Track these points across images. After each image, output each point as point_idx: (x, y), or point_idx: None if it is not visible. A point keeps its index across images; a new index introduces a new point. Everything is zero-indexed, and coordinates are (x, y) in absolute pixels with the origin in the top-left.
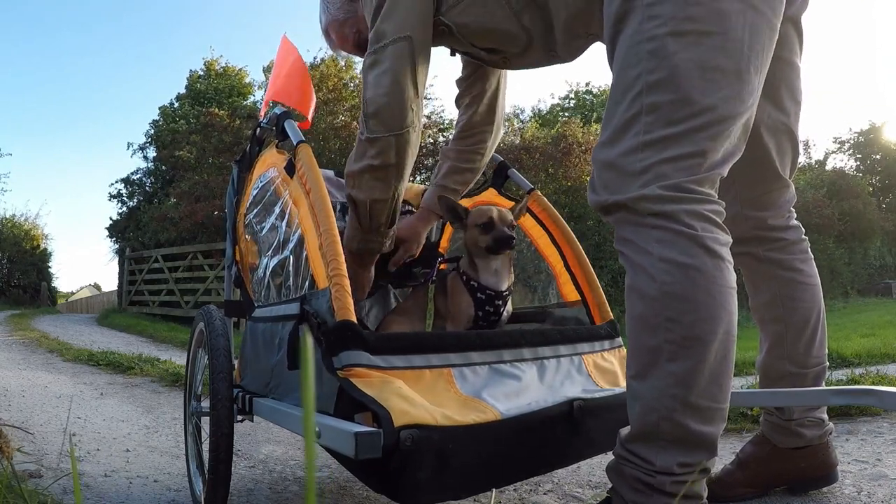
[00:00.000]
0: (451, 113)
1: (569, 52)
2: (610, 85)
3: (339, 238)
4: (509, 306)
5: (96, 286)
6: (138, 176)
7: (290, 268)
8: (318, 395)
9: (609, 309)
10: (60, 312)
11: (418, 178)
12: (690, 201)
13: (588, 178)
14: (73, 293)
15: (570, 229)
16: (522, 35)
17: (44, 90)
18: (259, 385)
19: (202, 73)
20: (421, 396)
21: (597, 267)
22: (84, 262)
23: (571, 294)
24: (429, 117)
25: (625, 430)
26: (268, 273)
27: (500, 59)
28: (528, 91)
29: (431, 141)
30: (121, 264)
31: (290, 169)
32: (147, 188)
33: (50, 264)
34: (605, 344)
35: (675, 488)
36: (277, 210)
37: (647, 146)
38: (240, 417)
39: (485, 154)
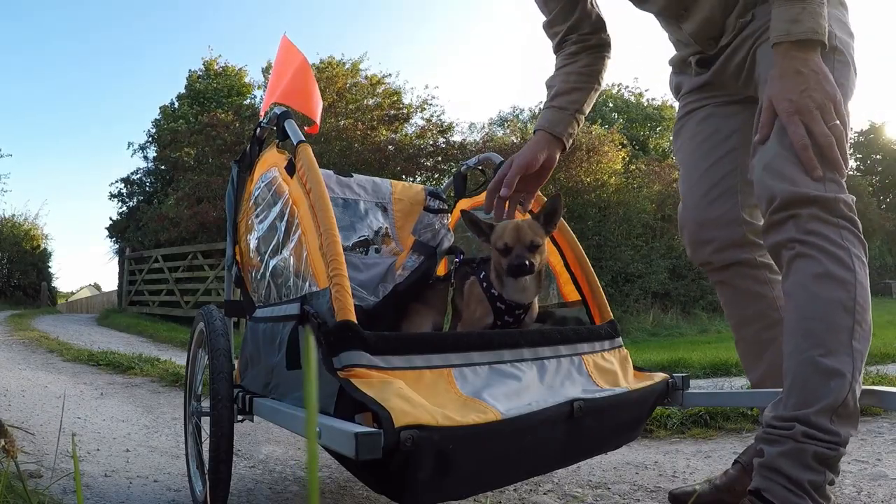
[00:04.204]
0: (451, 115)
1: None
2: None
3: (338, 238)
4: (534, 311)
5: (96, 286)
6: (138, 176)
7: (291, 268)
8: (318, 396)
9: (609, 309)
10: (60, 312)
11: (418, 179)
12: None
13: (588, 179)
14: (73, 293)
15: (570, 229)
16: None
17: (44, 90)
18: (259, 385)
19: (201, 73)
20: (421, 397)
21: (597, 267)
22: (84, 262)
23: (572, 294)
24: (429, 120)
25: (799, 412)
26: (268, 273)
27: None
28: (528, 91)
29: (431, 142)
30: (121, 264)
31: (291, 169)
32: (147, 188)
33: (50, 264)
34: (605, 344)
35: (838, 464)
36: (277, 210)
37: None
38: (240, 417)
39: (602, 72)
